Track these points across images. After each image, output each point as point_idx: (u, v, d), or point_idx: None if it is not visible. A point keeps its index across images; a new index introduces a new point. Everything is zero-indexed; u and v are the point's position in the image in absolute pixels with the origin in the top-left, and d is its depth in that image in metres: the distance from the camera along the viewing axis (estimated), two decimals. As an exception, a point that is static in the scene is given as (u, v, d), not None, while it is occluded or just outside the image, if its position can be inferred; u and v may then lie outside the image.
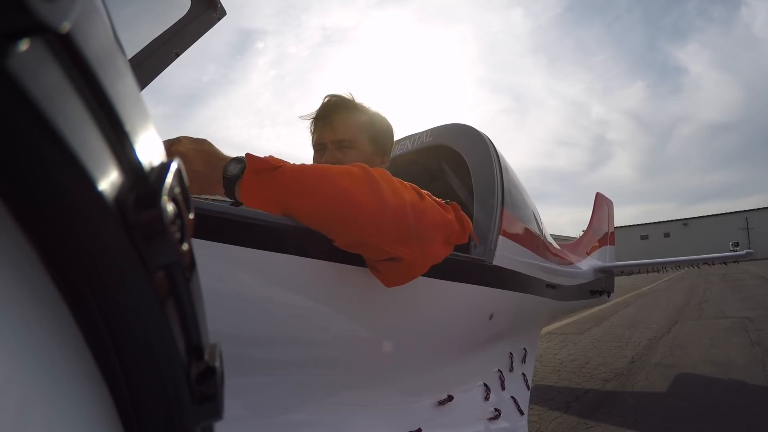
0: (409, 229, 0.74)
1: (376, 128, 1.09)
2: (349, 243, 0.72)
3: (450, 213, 0.86)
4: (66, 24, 0.15)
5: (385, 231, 0.71)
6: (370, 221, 0.70)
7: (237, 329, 0.63)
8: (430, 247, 0.79)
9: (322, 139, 1.04)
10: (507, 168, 1.50)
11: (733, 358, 3.34)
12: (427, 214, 0.79)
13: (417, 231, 0.75)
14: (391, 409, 0.92)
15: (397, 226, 0.72)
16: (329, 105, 1.07)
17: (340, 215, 0.69)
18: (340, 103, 1.07)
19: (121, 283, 0.20)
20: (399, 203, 0.73)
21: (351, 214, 0.69)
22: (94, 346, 0.21)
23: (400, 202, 0.74)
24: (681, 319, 5.68)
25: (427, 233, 0.78)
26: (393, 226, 0.72)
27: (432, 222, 0.80)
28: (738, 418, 2.15)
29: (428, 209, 0.80)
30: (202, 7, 1.19)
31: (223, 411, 0.26)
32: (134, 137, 0.20)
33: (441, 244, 0.82)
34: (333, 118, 1.04)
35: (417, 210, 0.76)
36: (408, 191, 0.79)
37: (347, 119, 1.05)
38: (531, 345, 1.71)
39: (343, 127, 1.04)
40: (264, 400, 0.70)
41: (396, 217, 0.72)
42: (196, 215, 0.26)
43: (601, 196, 4.45)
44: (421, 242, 0.76)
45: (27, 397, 0.17)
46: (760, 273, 12.94)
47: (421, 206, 0.78)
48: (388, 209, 0.71)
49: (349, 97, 1.08)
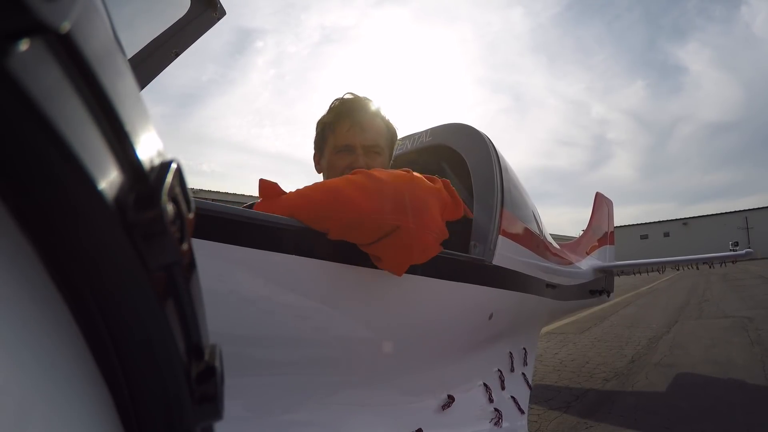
0: (401, 198, 0.73)
1: (391, 133, 1.08)
2: (343, 227, 0.71)
3: (437, 183, 0.85)
4: (66, 24, 0.15)
5: (376, 204, 0.71)
6: (362, 197, 0.70)
7: (237, 329, 0.63)
8: (426, 214, 0.76)
9: (351, 140, 1.00)
10: (507, 168, 1.50)
11: (733, 357, 3.34)
12: (415, 181, 0.78)
13: (410, 199, 0.74)
14: (391, 409, 0.92)
15: (388, 197, 0.72)
16: (356, 105, 1.03)
17: (331, 198, 0.71)
18: (366, 106, 1.04)
19: (121, 283, 0.20)
20: (387, 176, 0.75)
21: (344, 194, 0.71)
22: (94, 346, 0.21)
23: (388, 175, 0.75)
24: (681, 318, 5.69)
25: (420, 200, 0.76)
26: (384, 198, 0.72)
27: (422, 187, 0.79)
28: (738, 418, 2.15)
29: (415, 179, 0.79)
30: (202, 6, 1.19)
31: (223, 411, 0.26)
32: (134, 137, 0.20)
33: (437, 211, 0.80)
34: (362, 120, 1.01)
35: (404, 179, 0.77)
36: (392, 170, 0.80)
37: (374, 124, 1.03)
38: (531, 345, 1.71)
39: (374, 131, 1.02)
40: (264, 400, 0.70)
41: (386, 189, 0.73)
42: (196, 215, 0.26)
43: (600, 196, 4.45)
44: (415, 209, 0.74)
45: (27, 397, 0.17)
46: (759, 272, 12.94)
47: (408, 177, 0.78)
48: (377, 182, 0.73)
49: (369, 99, 1.06)
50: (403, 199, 0.73)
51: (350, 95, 1.06)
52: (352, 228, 0.71)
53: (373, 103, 1.06)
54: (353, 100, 1.04)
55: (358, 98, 1.05)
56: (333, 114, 1.04)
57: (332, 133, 1.03)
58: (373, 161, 1.01)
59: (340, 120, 1.02)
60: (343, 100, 1.05)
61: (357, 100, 1.04)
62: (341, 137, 1.01)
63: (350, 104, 1.03)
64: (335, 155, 1.02)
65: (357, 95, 1.06)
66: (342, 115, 1.02)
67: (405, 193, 0.73)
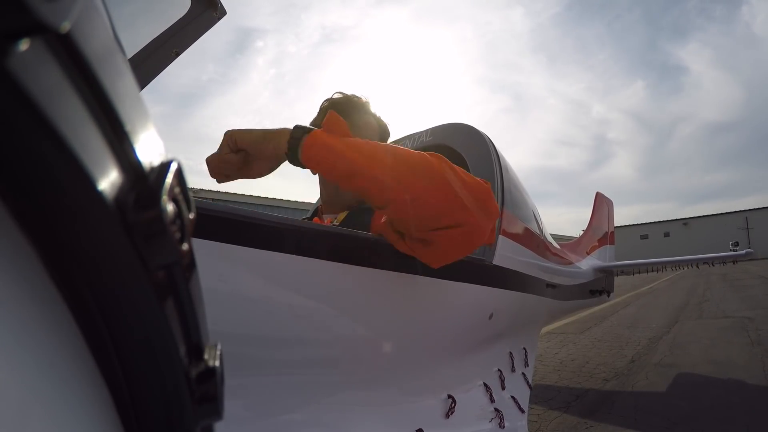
0: (474, 194, 0.69)
1: (382, 130, 1.09)
2: (407, 206, 0.65)
3: (488, 184, 0.80)
4: (66, 24, 0.15)
5: (451, 194, 0.66)
6: (441, 185, 0.65)
7: (237, 329, 0.63)
8: (491, 205, 0.72)
9: None
10: (507, 167, 1.50)
11: (733, 357, 3.34)
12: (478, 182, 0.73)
13: (478, 197, 0.70)
14: (391, 409, 0.92)
15: (463, 191, 0.67)
16: (345, 104, 1.04)
17: (407, 170, 0.65)
18: (355, 104, 1.05)
19: (121, 283, 0.20)
20: (460, 170, 0.70)
21: (429, 174, 0.65)
22: (94, 347, 0.21)
23: (465, 174, 0.71)
24: (681, 318, 5.69)
25: (486, 194, 0.71)
26: (460, 192, 0.66)
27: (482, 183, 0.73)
28: (738, 418, 2.15)
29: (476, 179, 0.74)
30: (202, 6, 1.19)
31: (223, 411, 0.26)
32: (134, 137, 0.20)
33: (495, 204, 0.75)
34: (352, 119, 1.00)
35: (469, 176, 0.72)
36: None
37: (365, 122, 1.04)
38: (531, 345, 1.71)
39: (365, 129, 1.03)
40: (264, 400, 0.70)
41: (462, 182, 0.68)
42: (197, 215, 0.26)
43: (600, 196, 4.45)
44: (482, 207, 0.69)
45: (27, 397, 0.17)
46: (759, 273, 12.94)
47: (471, 177, 0.73)
48: (454, 173, 0.68)
49: (359, 98, 1.07)
50: (474, 196, 0.69)
51: (339, 94, 1.06)
52: (419, 209, 0.66)
53: (363, 101, 1.07)
54: (342, 99, 1.05)
55: (347, 97, 1.06)
56: (323, 115, 1.04)
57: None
58: None
59: None
60: (332, 100, 1.06)
61: (346, 100, 1.05)
62: None
63: (339, 104, 1.04)
64: None
65: (346, 94, 1.07)
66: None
67: (475, 190, 0.69)
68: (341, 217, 1.04)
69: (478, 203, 0.69)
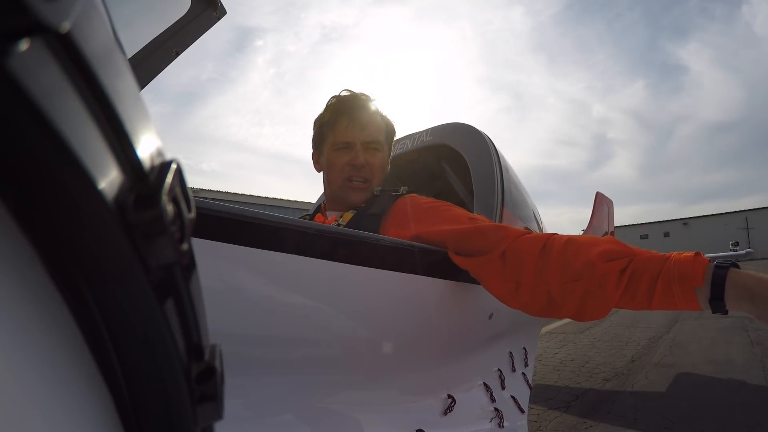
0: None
1: (389, 129, 1.08)
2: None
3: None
4: (66, 24, 0.15)
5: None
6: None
7: (237, 329, 0.63)
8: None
9: (350, 138, 1.00)
10: (507, 167, 1.50)
11: (733, 357, 3.35)
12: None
13: None
14: (391, 409, 0.92)
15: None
16: (353, 102, 1.03)
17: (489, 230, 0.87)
18: (364, 102, 1.04)
19: (121, 283, 0.20)
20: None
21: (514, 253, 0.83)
22: (94, 347, 0.21)
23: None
24: (681, 318, 5.69)
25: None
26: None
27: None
28: (738, 418, 2.15)
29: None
30: (202, 6, 1.19)
31: (223, 411, 0.26)
32: (134, 137, 0.20)
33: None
34: (360, 117, 1.01)
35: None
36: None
37: (372, 120, 1.03)
38: (531, 344, 1.71)
39: (372, 128, 1.02)
40: (264, 399, 0.70)
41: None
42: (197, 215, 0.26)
43: (601, 196, 4.45)
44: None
45: (27, 398, 0.17)
46: (759, 273, 12.92)
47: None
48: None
49: (366, 96, 1.06)
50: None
51: (347, 92, 1.06)
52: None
53: (370, 100, 1.06)
54: (350, 97, 1.04)
55: (355, 95, 1.05)
56: (330, 112, 1.03)
57: (330, 131, 1.02)
58: (373, 157, 1.01)
59: (338, 118, 1.01)
60: (340, 97, 1.05)
61: (354, 97, 1.04)
62: (340, 135, 1.01)
63: (347, 101, 1.03)
64: (334, 153, 1.02)
65: (354, 92, 1.06)
66: (340, 113, 1.01)
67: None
68: (348, 216, 1.03)
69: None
